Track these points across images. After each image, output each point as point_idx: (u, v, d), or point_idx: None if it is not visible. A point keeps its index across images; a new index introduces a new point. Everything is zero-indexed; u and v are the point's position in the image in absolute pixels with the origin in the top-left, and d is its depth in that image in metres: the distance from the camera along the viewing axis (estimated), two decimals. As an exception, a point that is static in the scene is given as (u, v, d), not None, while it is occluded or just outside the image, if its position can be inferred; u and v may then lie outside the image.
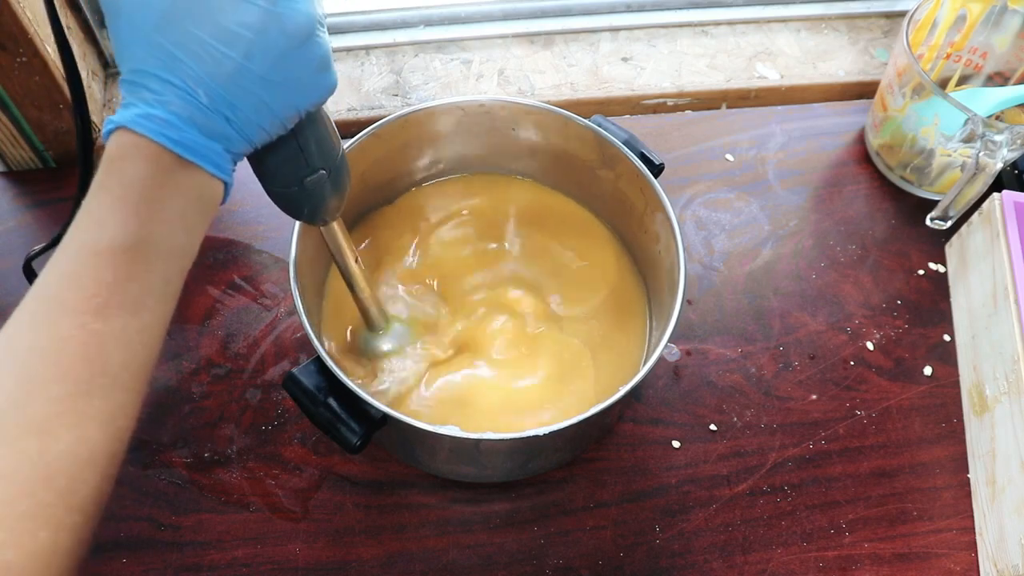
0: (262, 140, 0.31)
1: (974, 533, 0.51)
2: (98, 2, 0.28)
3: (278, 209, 0.38)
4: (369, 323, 0.47)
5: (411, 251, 0.54)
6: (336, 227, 0.40)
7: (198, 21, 0.28)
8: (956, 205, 0.58)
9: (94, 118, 0.62)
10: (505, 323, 0.51)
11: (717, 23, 0.73)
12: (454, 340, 0.50)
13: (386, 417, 0.40)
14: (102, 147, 0.30)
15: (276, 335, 0.55)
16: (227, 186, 0.31)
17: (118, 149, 0.29)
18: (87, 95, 0.61)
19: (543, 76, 0.69)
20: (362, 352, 0.49)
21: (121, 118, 0.29)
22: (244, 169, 0.68)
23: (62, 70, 0.57)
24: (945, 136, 0.58)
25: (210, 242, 0.59)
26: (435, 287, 0.52)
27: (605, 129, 0.50)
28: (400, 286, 0.52)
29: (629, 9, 0.72)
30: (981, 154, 0.53)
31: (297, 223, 0.45)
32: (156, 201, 0.29)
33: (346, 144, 0.48)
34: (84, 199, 0.29)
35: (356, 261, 0.43)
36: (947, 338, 0.58)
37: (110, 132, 0.29)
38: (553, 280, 0.53)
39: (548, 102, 0.51)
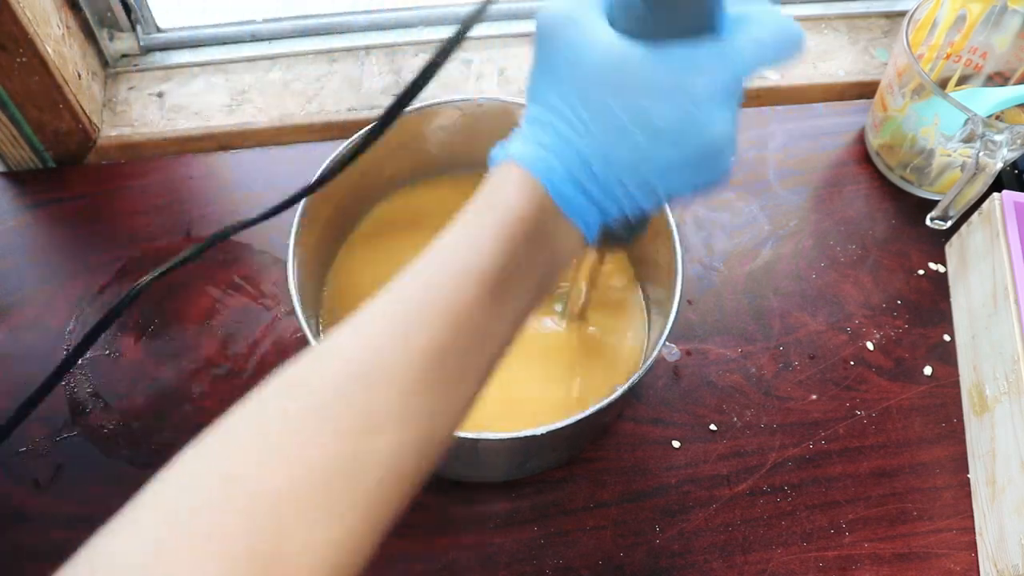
0: (634, 213, 0.31)
1: (974, 533, 0.51)
2: (537, 39, 0.29)
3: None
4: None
5: (410, 251, 0.54)
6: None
7: (621, 97, 0.28)
8: (956, 205, 0.58)
9: (93, 118, 0.62)
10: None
11: (717, 23, 0.73)
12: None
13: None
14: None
15: (276, 335, 0.55)
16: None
17: (507, 187, 0.29)
18: (86, 94, 0.61)
19: (543, 76, 0.69)
20: None
21: (519, 155, 0.29)
22: (242, 168, 0.68)
23: (62, 70, 0.57)
24: (945, 136, 0.58)
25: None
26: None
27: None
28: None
29: (629, 9, 0.72)
30: (981, 154, 0.53)
31: (295, 224, 0.45)
32: (529, 246, 0.29)
33: (345, 144, 0.48)
34: (462, 216, 0.29)
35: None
36: (947, 338, 0.58)
37: (499, 160, 0.30)
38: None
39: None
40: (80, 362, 0.54)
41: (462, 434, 0.41)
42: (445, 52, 0.33)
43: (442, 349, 0.27)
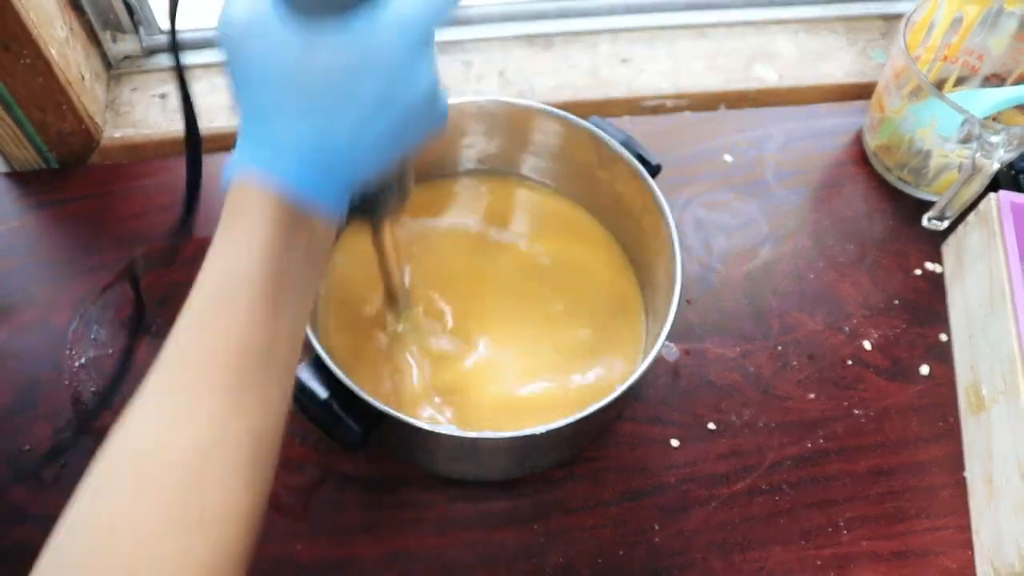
0: (374, 177, 0.33)
1: (970, 531, 0.51)
2: (223, 51, 0.30)
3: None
4: (393, 302, 0.49)
5: (410, 251, 0.54)
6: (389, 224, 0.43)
7: (322, 88, 0.29)
8: (953, 205, 0.58)
9: (97, 119, 0.63)
10: (503, 322, 0.51)
11: (716, 25, 0.73)
12: (451, 339, 0.51)
13: (384, 415, 0.40)
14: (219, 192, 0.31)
15: (277, 335, 0.55)
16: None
17: (242, 196, 0.30)
18: (90, 96, 0.62)
19: (543, 77, 0.69)
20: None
21: (243, 161, 0.30)
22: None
23: (66, 72, 0.58)
24: (942, 137, 0.58)
25: (211, 242, 0.59)
26: (434, 286, 0.53)
27: (602, 130, 0.50)
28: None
29: (628, 11, 0.73)
30: (978, 155, 0.54)
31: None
32: (285, 245, 0.30)
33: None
34: (213, 242, 0.31)
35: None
36: (944, 338, 0.59)
37: (229, 176, 0.31)
38: (551, 279, 0.54)
39: (548, 103, 0.52)
40: (83, 361, 0.54)
41: (462, 434, 0.41)
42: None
43: (240, 373, 0.29)
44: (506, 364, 0.50)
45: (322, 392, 0.40)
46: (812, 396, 0.55)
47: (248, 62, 0.30)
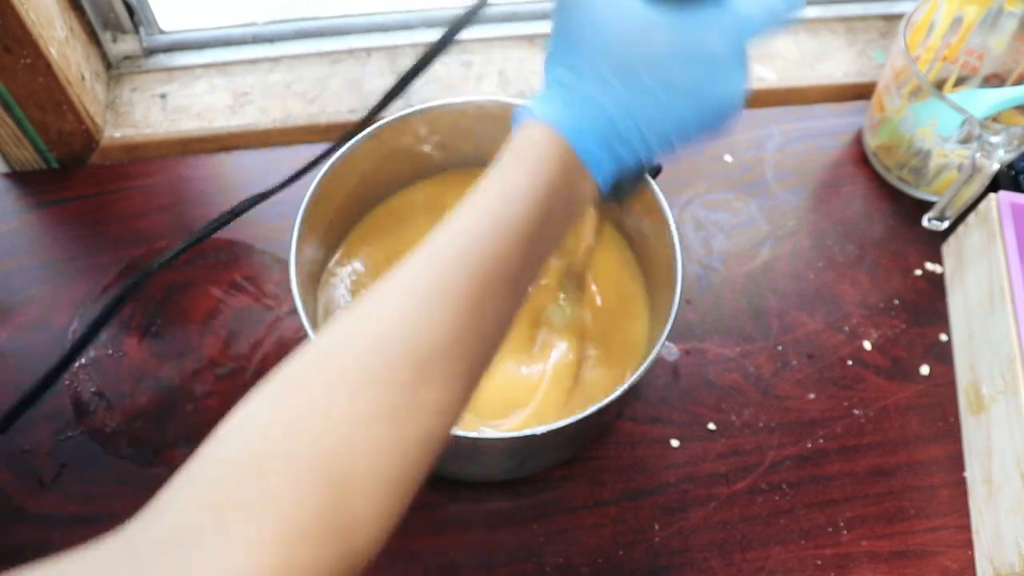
0: (647, 162, 0.33)
1: (970, 531, 0.51)
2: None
3: (279, 210, 0.38)
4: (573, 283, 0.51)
5: (409, 249, 0.54)
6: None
7: (646, 60, 0.30)
8: (953, 206, 0.58)
9: (97, 119, 0.63)
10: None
11: (716, 25, 0.73)
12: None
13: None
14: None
15: (278, 335, 0.56)
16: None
17: (535, 135, 0.31)
18: (90, 96, 0.62)
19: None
20: None
21: (542, 113, 0.31)
22: (244, 169, 0.69)
23: (66, 72, 0.58)
24: (942, 137, 0.58)
25: (212, 242, 0.59)
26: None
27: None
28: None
29: (628, 11, 0.73)
30: (978, 155, 0.54)
31: (297, 224, 0.46)
32: (557, 199, 0.31)
33: (346, 145, 0.48)
34: (495, 166, 0.31)
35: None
36: (944, 338, 0.59)
37: (527, 118, 0.31)
38: (551, 279, 0.54)
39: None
40: (83, 361, 0.54)
41: (462, 433, 0.41)
42: (439, 49, 0.35)
43: (480, 302, 0.28)
44: (506, 364, 0.50)
45: None
46: (812, 396, 0.55)
47: (589, 16, 0.30)
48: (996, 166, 0.54)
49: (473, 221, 0.29)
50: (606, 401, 0.41)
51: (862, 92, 0.70)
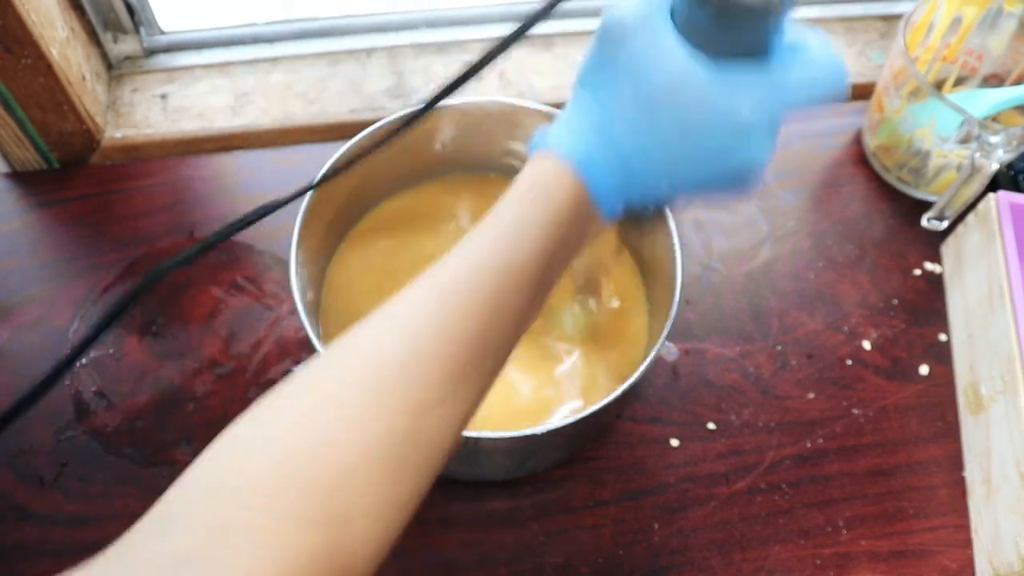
0: (656, 205, 0.34)
1: (969, 531, 0.51)
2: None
3: (279, 210, 0.38)
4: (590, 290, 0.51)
5: (408, 250, 0.54)
6: None
7: (675, 111, 0.29)
8: (952, 206, 0.58)
9: (98, 119, 0.63)
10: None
11: (715, 25, 0.73)
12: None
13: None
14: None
15: (278, 335, 0.56)
16: None
17: (548, 180, 0.30)
18: (90, 96, 0.62)
19: (543, 78, 0.69)
20: None
21: (564, 145, 0.30)
22: (245, 170, 0.69)
23: (67, 72, 0.58)
24: (941, 137, 0.58)
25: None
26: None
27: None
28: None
29: (628, 11, 0.73)
30: (977, 155, 0.54)
31: (298, 225, 0.46)
32: (565, 235, 0.30)
33: (346, 145, 0.48)
34: (508, 194, 0.31)
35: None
36: (943, 337, 0.59)
37: (542, 147, 0.31)
38: (567, 281, 0.54)
39: (548, 104, 0.52)
40: (84, 361, 0.54)
41: (462, 433, 0.41)
42: (507, 44, 0.36)
43: (483, 338, 0.28)
44: (506, 363, 0.50)
45: None
46: (811, 396, 0.56)
47: (628, 51, 0.29)
48: (995, 166, 0.54)
49: (480, 261, 0.29)
50: (606, 401, 0.41)
51: (861, 92, 0.70)
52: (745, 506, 0.51)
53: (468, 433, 0.41)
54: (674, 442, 0.53)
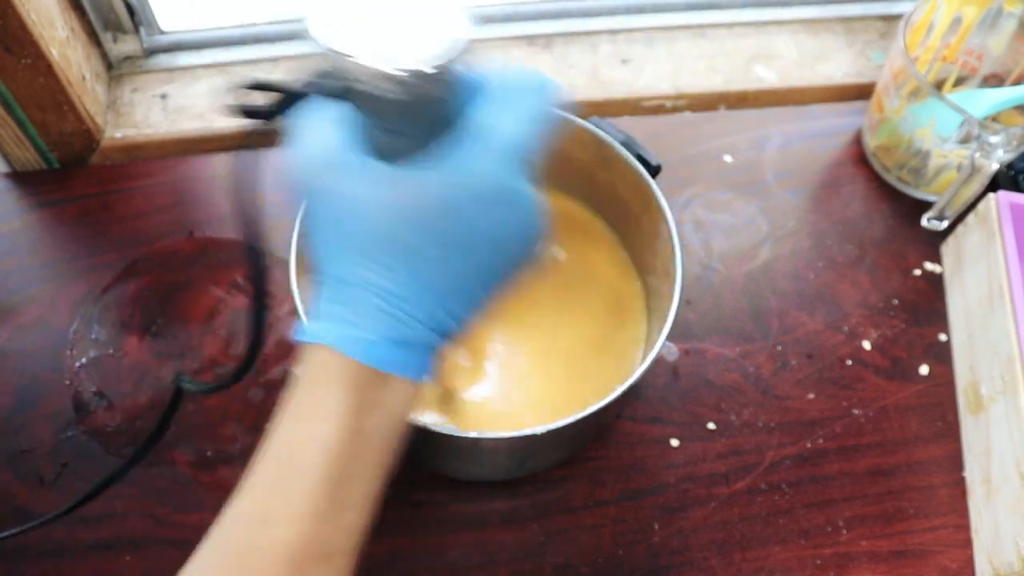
0: (463, 327, 0.30)
1: (969, 531, 0.51)
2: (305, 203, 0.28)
3: (279, 211, 0.38)
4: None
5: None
6: None
7: (418, 233, 0.26)
8: (952, 206, 0.58)
9: (98, 119, 0.63)
10: (503, 323, 0.51)
11: (715, 26, 0.73)
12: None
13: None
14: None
15: (278, 335, 0.56)
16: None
17: (320, 368, 0.28)
18: (90, 96, 0.62)
19: (543, 78, 0.69)
20: None
21: (323, 334, 0.28)
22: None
23: (67, 72, 0.58)
24: (941, 137, 0.58)
25: (213, 243, 0.59)
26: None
27: (602, 130, 0.50)
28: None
29: (628, 11, 0.73)
30: (977, 155, 0.54)
31: (298, 225, 0.46)
32: (363, 409, 0.28)
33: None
34: (288, 400, 0.29)
35: None
36: (943, 337, 0.59)
37: (304, 339, 0.29)
38: (551, 279, 0.54)
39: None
40: (83, 361, 0.54)
41: (463, 434, 0.41)
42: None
43: (317, 514, 0.28)
44: (506, 363, 0.50)
45: None
46: (811, 396, 0.56)
47: (342, 207, 0.27)
48: (995, 166, 0.54)
49: (278, 459, 0.28)
50: (606, 401, 0.41)
51: (861, 92, 0.70)
52: (745, 506, 0.51)
53: (468, 433, 0.41)
54: (674, 442, 0.53)
